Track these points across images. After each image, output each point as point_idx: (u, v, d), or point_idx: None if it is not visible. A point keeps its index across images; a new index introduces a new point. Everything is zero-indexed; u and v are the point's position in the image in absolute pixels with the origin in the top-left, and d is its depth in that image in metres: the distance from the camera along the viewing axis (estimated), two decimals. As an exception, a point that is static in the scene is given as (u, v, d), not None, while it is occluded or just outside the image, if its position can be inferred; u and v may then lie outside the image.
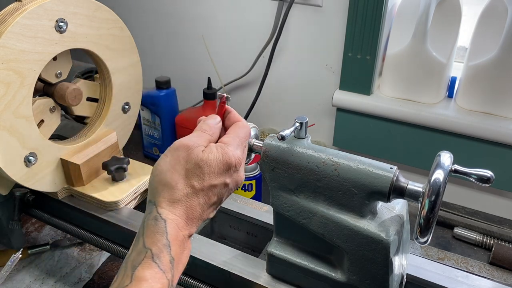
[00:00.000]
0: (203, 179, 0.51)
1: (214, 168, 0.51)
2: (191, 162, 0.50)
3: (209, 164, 0.51)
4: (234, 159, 0.53)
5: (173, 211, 0.49)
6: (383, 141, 1.08)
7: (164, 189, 0.50)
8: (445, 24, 0.96)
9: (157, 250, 0.47)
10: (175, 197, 0.50)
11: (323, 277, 0.63)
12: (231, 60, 1.24)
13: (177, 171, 0.50)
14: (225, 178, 0.53)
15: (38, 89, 0.83)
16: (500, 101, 0.95)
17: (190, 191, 0.50)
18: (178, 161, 0.51)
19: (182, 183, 0.50)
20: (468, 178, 0.53)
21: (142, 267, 0.46)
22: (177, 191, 0.50)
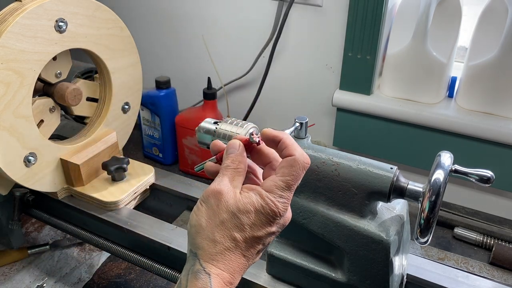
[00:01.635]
0: (244, 230, 0.46)
1: (254, 219, 0.46)
2: (225, 211, 0.45)
3: (248, 214, 0.45)
4: (278, 210, 0.46)
5: (217, 264, 0.45)
6: (383, 141, 1.08)
7: (204, 241, 0.46)
8: (445, 24, 0.96)
9: None
10: (216, 251, 0.45)
11: (323, 277, 0.63)
12: (231, 60, 1.24)
13: (214, 222, 0.46)
14: (269, 228, 0.47)
15: (38, 89, 0.83)
16: (500, 101, 0.95)
17: (231, 245, 0.45)
18: (212, 210, 0.46)
19: (221, 236, 0.45)
20: (468, 178, 0.53)
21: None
22: (217, 245, 0.45)
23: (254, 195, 0.46)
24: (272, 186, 0.46)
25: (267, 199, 0.46)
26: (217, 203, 0.46)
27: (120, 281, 0.93)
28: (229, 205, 0.46)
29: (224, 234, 0.45)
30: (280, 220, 0.47)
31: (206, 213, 0.46)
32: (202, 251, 0.46)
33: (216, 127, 0.67)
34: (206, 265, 0.45)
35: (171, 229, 0.78)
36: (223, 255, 0.45)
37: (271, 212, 0.46)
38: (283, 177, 0.46)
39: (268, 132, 0.49)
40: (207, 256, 0.45)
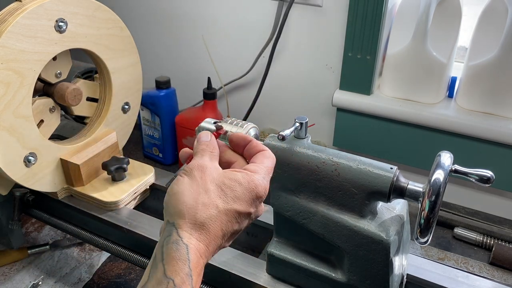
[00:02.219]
0: (227, 201, 0.46)
1: (239, 194, 0.47)
2: (210, 183, 0.47)
3: (232, 188, 0.47)
4: (262, 189, 0.48)
5: (195, 234, 0.45)
6: (383, 141, 1.08)
7: (185, 209, 0.45)
8: (445, 24, 0.96)
9: (180, 281, 0.42)
10: (197, 218, 0.45)
11: (323, 277, 0.63)
12: (231, 60, 1.24)
13: (197, 191, 0.46)
14: (250, 207, 0.48)
15: (38, 89, 0.83)
16: (500, 101, 0.95)
17: (214, 212, 0.45)
18: (196, 182, 0.47)
19: (203, 204, 0.45)
20: (468, 178, 0.53)
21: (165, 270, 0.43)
22: (199, 212, 0.45)
23: (239, 173, 0.48)
24: (256, 169, 0.49)
25: (253, 177, 0.48)
26: (201, 175, 0.47)
27: (120, 281, 0.93)
28: (214, 178, 0.47)
29: (207, 202, 0.46)
30: (259, 205, 0.49)
31: (188, 183, 0.47)
32: (182, 220, 0.45)
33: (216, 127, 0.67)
34: (183, 235, 0.44)
35: (171, 229, 0.78)
36: (203, 226, 0.45)
37: (255, 188, 0.47)
38: (263, 164, 0.50)
39: (237, 135, 0.53)
40: (186, 225, 0.45)
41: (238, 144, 0.53)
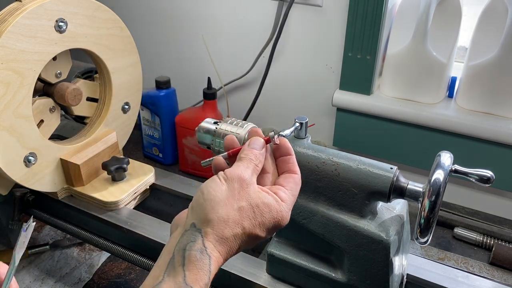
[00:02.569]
0: (254, 225, 0.46)
1: (265, 221, 0.47)
2: (246, 200, 0.46)
3: (262, 213, 0.47)
4: (285, 221, 0.48)
5: (218, 247, 0.45)
6: (383, 141, 1.08)
7: (216, 220, 0.45)
8: (445, 24, 0.96)
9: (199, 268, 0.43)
10: (224, 234, 0.45)
11: (323, 277, 0.63)
12: (231, 60, 1.24)
13: (231, 205, 0.46)
14: (269, 234, 0.48)
15: (38, 89, 0.83)
16: (500, 101, 0.95)
17: (239, 232, 0.46)
18: (233, 194, 0.46)
19: (234, 221, 0.45)
20: (468, 178, 0.53)
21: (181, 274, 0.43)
22: (228, 228, 0.45)
23: (271, 197, 0.47)
24: (286, 198, 0.48)
25: (282, 207, 0.47)
26: (240, 189, 0.46)
27: (120, 281, 0.93)
28: (251, 197, 0.46)
29: (238, 220, 0.45)
30: (275, 230, 0.49)
31: (226, 193, 0.46)
32: (211, 229, 0.45)
33: (216, 127, 0.67)
34: (208, 245, 0.44)
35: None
36: (227, 240, 0.45)
37: (281, 219, 0.47)
38: (292, 192, 0.49)
39: (283, 142, 0.52)
40: (213, 237, 0.45)
41: (280, 153, 0.52)
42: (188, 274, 0.43)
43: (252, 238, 0.47)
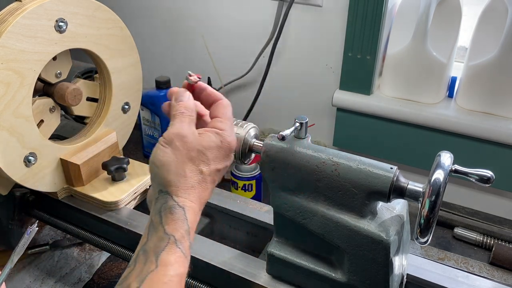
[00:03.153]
0: (209, 164, 0.53)
1: (217, 154, 0.54)
2: (193, 150, 0.52)
3: (211, 150, 0.53)
4: (233, 144, 0.56)
5: (189, 197, 0.51)
6: (383, 141, 1.08)
7: (175, 178, 0.51)
8: (445, 24, 0.96)
9: (180, 236, 0.49)
10: (188, 184, 0.51)
11: (323, 277, 0.63)
12: (231, 60, 1.24)
13: (182, 161, 0.51)
14: (226, 162, 0.55)
15: (38, 89, 0.83)
16: (500, 101, 0.95)
17: (200, 177, 0.52)
18: (179, 151, 0.51)
19: (190, 171, 0.52)
20: (468, 178, 0.53)
21: (167, 252, 0.47)
22: (189, 179, 0.51)
23: (212, 134, 0.54)
24: (223, 125, 0.55)
25: (224, 135, 0.54)
26: (183, 144, 0.52)
27: (120, 281, 0.93)
28: (194, 145, 0.52)
29: (193, 169, 0.52)
30: (231, 156, 0.56)
31: (172, 153, 0.51)
32: (175, 187, 0.50)
33: (216, 127, 0.67)
34: (179, 200, 0.50)
35: (171, 229, 0.78)
36: (194, 188, 0.51)
37: (228, 145, 0.55)
38: (226, 116, 0.57)
39: (198, 83, 0.61)
40: (180, 191, 0.50)
41: (199, 93, 0.60)
42: (167, 227, 0.49)
43: (215, 174, 0.54)
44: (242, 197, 0.86)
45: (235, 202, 0.84)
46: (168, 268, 0.47)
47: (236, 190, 1.01)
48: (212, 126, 0.55)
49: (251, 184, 1.00)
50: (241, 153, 0.64)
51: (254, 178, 1.00)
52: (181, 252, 0.48)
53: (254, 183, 1.01)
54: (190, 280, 0.74)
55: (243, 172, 1.00)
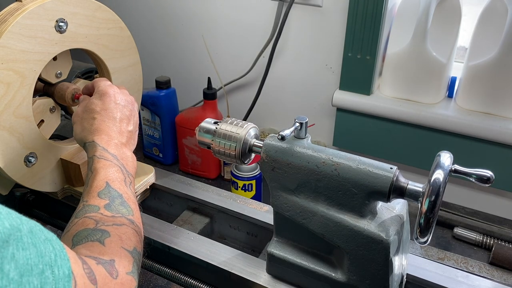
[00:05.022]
0: (92, 110, 0.71)
1: (94, 103, 0.72)
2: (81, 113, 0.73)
3: (88, 105, 0.72)
4: (102, 87, 0.74)
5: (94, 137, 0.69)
6: (383, 141, 1.08)
7: (76, 133, 0.72)
8: (445, 24, 0.96)
9: (99, 153, 0.65)
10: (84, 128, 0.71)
11: (323, 277, 0.63)
12: (231, 60, 1.24)
13: (80, 120, 0.72)
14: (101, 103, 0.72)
15: (38, 89, 0.83)
16: (500, 101, 0.95)
17: (92, 121, 0.70)
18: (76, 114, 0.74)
19: (84, 120, 0.72)
20: (468, 178, 0.53)
21: (94, 164, 0.64)
22: (84, 126, 0.71)
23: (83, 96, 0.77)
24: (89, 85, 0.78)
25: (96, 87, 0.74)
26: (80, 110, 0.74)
27: (120, 281, 0.92)
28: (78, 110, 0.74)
29: (84, 117, 0.72)
30: (118, 95, 0.73)
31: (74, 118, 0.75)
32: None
33: (216, 127, 0.67)
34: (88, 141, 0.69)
35: (171, 229, 0.78)
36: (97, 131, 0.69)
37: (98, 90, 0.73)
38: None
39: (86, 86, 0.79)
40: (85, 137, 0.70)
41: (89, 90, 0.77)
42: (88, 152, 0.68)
43: (106, 112, 0.70)
44: (242, 197, 0.86)
45: (235, 201, 0.84)
46: (100, 172, 0.62)
47: (236, 190, 1.01)
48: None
49: (251, 184, 1.00)
50: (241, 153, 0.64)
51: (254, 178, 1.00)
52: (105, 160, 0.64)
53: (254, 183, 1.01)
54: (190, 280, 0.74)
55: (243, 172, 1.00)
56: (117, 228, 0.55)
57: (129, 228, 0.57)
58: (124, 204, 0.60)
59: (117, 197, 0.60)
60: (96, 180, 0.61)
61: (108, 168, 0.63)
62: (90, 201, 0.59)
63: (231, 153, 0.65)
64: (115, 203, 0.59)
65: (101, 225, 0.55)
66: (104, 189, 0.60)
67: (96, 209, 0.57)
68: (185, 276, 0.75)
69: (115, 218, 0.57)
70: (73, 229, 0.55)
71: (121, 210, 0.59)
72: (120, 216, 0.58)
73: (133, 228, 0.58)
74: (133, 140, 0.73)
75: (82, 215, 0.57)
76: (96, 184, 0.61)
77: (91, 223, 0.55)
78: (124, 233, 0.56)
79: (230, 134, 0.65)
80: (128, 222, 0.58)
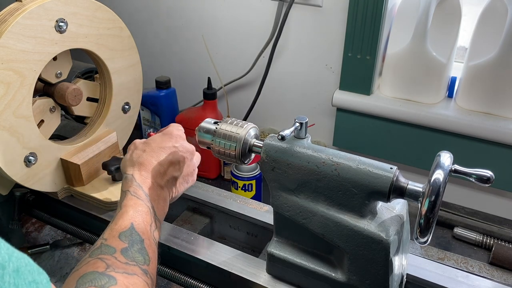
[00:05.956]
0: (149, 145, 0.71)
1: (153, 143, 0.71)
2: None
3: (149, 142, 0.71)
4: (171, 130, 0.74)
5: (135, 170, 0.67)
6: (383, 141, 1.08)
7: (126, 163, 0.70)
8: (445, 24, 0.96)
9: (133, 189, 0.63)
10: (134, 160, 0.69)
11: (323, 277, 0.63)
12: (231, 60, 1.24)
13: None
14: (165, 143, 0.71)
15: (38, 89, 0.83)
16: (500, 101, 0.95)
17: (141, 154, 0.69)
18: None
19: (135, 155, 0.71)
20: (468, 178, 0.53)
21: (126, 200, 0.62)
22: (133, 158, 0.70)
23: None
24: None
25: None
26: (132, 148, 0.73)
27: (120, 281, 0.93)
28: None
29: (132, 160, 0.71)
30: (177, 140, 0.72)
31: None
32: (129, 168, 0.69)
33: (216, 127, 0.67)
34: (128, 172, 0.68)
35: (171, 229, 0.78)
36: (140, 164, 0.68)
37: (165, 134, 0.73)
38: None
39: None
40: (129, 169, 0.68)
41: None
42: (122, 188, 0.66)
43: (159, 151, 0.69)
44: (242, 197, 0.86)
45: (235, 201, 0.84)
46: (128, 209, 0.61)
47: (236, 190, 1.01)
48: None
49: (251, 184, 1.00)
50: (241, 153, 0.64)
51: (254, 178, 1.00)
52: (137, 198, 0.62)
53: (254, 183, 1.01)
54: (190, 280, 0.74)
55: (243, 172, 1.00)
56: (127, 277, 0.52)
57: (140, 279, 0.53)
58: (142, 251, 0.57)
59: (137, 242, 0.57)
60: (122, 219, 0.59)
61: (137, 207, 0.61)
62: (109, 240, 0.56)
63: (231, 153, 0.65)
64: (134, 248, 0.56)
65: (110, 271, 0.51)
66: (127, 231, 0.58)
67: (112, 252, 0.54)
68: (185, 276, 0.75)
69: (128, 266, 0.54)
70: (82, 269, 0.52)
71: (137, 258, 0.55)
72: (134, 264, 0.54)
73: (144, 280, 0.54)
74: (175, 188, 0.69)
75: (96, 255, 0.54)
76: (121, 223, 0.58)
77: (102, 267, 0.52)
78: (133, 284, 0.52)
79: (230, 134, 0.65)
80: (140, 272, 0.54)
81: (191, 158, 0.72)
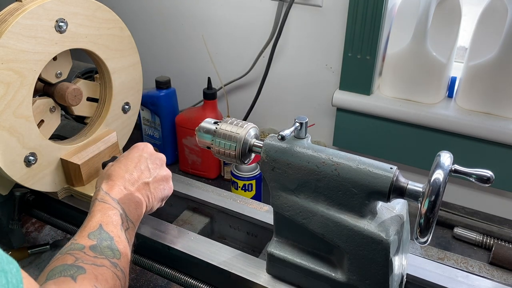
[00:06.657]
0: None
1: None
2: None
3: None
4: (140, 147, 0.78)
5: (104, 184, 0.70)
6: (383, 141, 1.08)
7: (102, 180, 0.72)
8: (445, 24, 0.96)
9: (101, 197, 0.66)
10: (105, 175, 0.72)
11: (323, 277, 0.63)
12: (231, 60, 1.24)
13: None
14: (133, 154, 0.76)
15: (38, 89, 0.83)
16: (500, 101, 0.95)
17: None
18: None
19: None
20: (468, 178, 0.53)
21: (94, 207, 0.64)
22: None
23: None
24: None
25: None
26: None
27: (120, 281, 0.92)
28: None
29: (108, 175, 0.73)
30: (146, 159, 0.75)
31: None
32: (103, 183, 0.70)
33: (216, 127, 0.67)
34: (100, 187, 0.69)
35: (171, 229, 0.78)
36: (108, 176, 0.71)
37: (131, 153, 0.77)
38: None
39: None
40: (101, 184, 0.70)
41: None
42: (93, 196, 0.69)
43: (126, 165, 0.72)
44: (242, 197, 0.86)
45: (235, 201, 0.84)
46: (95, 214, 0.63)
47: (236, 190, 1.01)
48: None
49: (251, 184, 1.00)
50: (241, 153, 0.64)
51: (254, 178, 1.00)
52: (104, 203, 0.65)
53: (254, 183, 1.01)
54: (190, 280, 0.74)
55: (243, 172, 1.00)
56: (95, 268, 0.53)
57: (109, 270, 0.55)
58: (111, 247, 0.59)
59: (106, 239, 0.59)
60: (91, 222, 0.61)
61: (105, 210, 0.63)
62: (78, 240, 0.58)
63: (231, 153, 0.65)
64: (102, 245, 0.58)
65: (79, 262, 0.53)
66: (96, 231, 0.60)
67: (81, 248, 0.56)
68: (185, 276, 0.75)
69: (96, 259, 0.55)
70: (52, 264, 0.54)
71: (106, 252, 0.57)
72: (103, 257, 0.56)
73: (113, 271, 0.55)
74: (149, 193, 0.72)
75: (66, 251, 0.56)
76: (89, 225, 0.61)
77: (71, 259, 0.53)
78: (102, 273, 0.53)
79: (230, 134, 0.65)
80: (110, 264, 0.56)
81: (161, 164, 0.76)
